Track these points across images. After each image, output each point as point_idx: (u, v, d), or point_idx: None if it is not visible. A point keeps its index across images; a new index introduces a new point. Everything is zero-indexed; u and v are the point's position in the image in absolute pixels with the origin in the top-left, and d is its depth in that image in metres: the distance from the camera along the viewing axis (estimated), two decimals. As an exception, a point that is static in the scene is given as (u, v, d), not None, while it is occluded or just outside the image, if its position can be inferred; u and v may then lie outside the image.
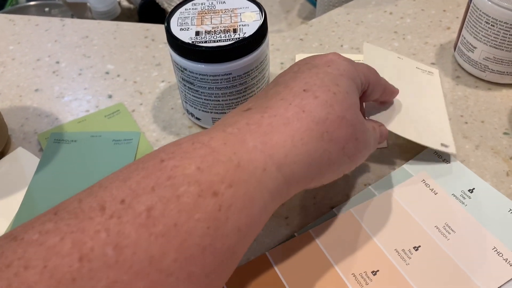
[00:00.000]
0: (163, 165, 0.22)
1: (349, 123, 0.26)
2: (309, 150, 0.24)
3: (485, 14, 0.37)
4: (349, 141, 0.26)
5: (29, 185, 0.35)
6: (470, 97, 0.39)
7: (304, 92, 0.25)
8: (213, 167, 0.22)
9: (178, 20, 0.34)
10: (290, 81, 0.26)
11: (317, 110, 0.25)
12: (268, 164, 0.23)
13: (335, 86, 0.26)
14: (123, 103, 0.41)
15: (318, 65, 0.27)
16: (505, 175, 0.33)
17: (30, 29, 0.51)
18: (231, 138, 0.24)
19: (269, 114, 0.25)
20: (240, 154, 0.23)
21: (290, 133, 0.24)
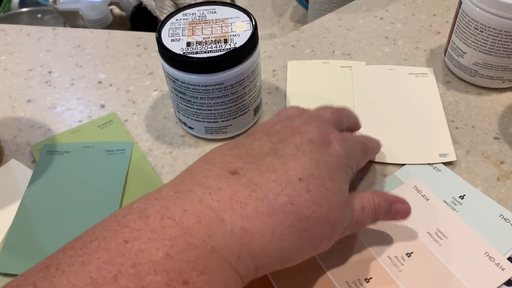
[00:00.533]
0: (126, 248, 0.20)
1: (330, 223, 0.24)
2: (284, 247, 0.23)
3: (474, 20, 0.37)
4: (324, 239, 0.25)
5: (22, 198, 0.35)
6: (461, 102, 0.40)
7: (299, 182, 0.24)
8: (183, 253, 0.20)
9: (169, 31, 0.34)
10: (289, 158, 0.25)
11: (305, 206, 0.23)
12: (242, 253, 0.22)
13: (329, 181, 0.25)
14: (116, 113, 0.41)
15: (320, 149, 0.26)
16: (496, 180, 0.34)
17: (22, 39, 0.51)
18: (208, 214, 0.22)
19: (257, 195, 0.23)
20: (216, 237, 0.21)
21: (273, 225, 0.22)
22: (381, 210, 0.28)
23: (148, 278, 0.19)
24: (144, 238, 0.20)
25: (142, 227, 0.21)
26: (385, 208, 0.28)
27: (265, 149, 0.26)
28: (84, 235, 0.21)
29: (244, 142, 0.27)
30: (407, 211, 0.29)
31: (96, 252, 0.20)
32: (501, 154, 0.35)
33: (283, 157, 0.25)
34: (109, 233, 0.21)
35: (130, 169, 0.36)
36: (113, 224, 0.21)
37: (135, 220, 0.21)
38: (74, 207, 0.34)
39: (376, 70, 0.43)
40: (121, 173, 0.36)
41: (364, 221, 0.27)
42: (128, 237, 0.20)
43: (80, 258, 0.20)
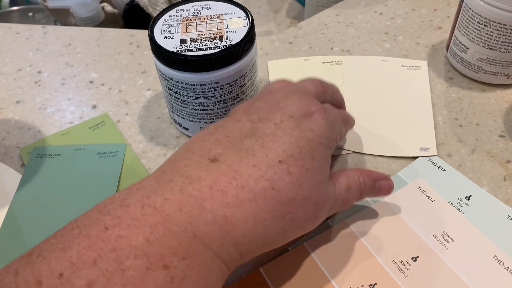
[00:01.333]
0: (107, 234, 0.20)
1: (313, 203, 0.24)
2: (268, 231, 0.23)
3: (477, 14, 0.36)
4: (309, 219, 0.25)
5: (11, 203, 0.33)
6: (464, 99, 0.39)
7: (279, 164, 0.23)
8: (164, 238, 0.20)
9: (162, 28, 0.33)
10: (268, 139, 0.24)
11: (286, 190, 0.23)
12: (225, 240, 0.22)
13: (310, 161, 0.24)
14: (108, 113, 0.40)
15: (301, 124, 0.25)
16: (502, 180, 0.33)
17: (10, 38, 0.49)
18: (189, 202, 0.22)
19: (237, 182, 0.22)
20: (197, 224, 0.21)
21: (254, 211, 0.22)
22: (366, 188, 0.28)
23: (128, 262, 0.19)
24: (124, 225, 0.20)
25: (122, 214, 0.21)
26: (369, 186, 0.28)
27: (244, 130, 0.25)
28: (67, 225, 0.21)
29: (224, 125, 0.26)
30: (390, 187, 0.29)
31: (77, 239, 0.20)
32: (507, 152, 0.34)
33: (263, 138, 0.24)
34: (90, 221, 0.21)
35: (123, 172, 0.35)
36: (95, 213, 0.21)
37: (116, 208, 0.21)
38: (64, 212, 0.32)
39: (369, 61, 0.43)
40: (113, 177, 0.34)
41: (350, 200, 0.28)
42: (109, 224, 0.20)
43: (61, 245, 0.20)
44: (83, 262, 0.19)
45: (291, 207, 0.23)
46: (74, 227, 0.21)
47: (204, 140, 0.25)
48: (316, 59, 0.43)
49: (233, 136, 0.25)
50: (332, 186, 0.26)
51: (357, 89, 0.40)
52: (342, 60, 0.43)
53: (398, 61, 0.42)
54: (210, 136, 0.25)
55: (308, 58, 0.43)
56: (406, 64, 0.42)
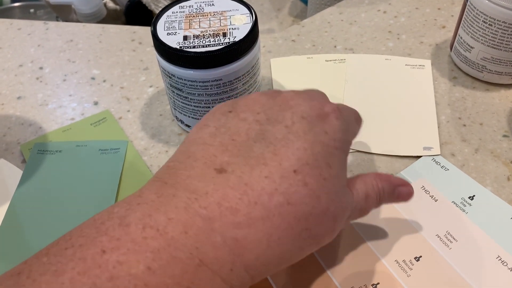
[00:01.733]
0: (104, 259, 0.18)
1: (331, 217, 0.22)
2: (283, 251, 0.21)
3: (482, 13, 0.36)
4: (327, 234, 0.22)
5: (11, 199, 0.33)
6: (468, 99, 0.38)
7: (294, 175, 0.21)
8: (167, 266, 0.18)
9: (165, 24, 0.33)
10: (280, 145, 0.22)
11: (303, 204, 0.21)
12: (235, 265, 0.20)
13: (327, 169, 0.22)
14: (110, 110, 0.40)
15: (315, 126, 0.23)
16: (506, 180, 0.32)
17: (12, 34, 0.49)
18: (195, 223, 0.19)
19: (249, 198, 0.20)
20: (204, 249, 0.19)
21: (268, 230, 0.20)
22: (384, 196, 0.26)
23: None
24: (123, 249, 0.18)
25: (122, 236, 0.19)
26: (388, 192, 0.26)
27: (252, 134, 0.22)
28: (60, 241, 0.20)
29: (227, 125, 0.23)
30: (410, 194, 0.27)
31: (71, 262, 0.18)
32: (511, 152, 0.34)
33: (274, 144, 0.22)
34: (86, 241, 0.19)
35: (125, 169, 0.35)
36: (91, 231, 0.19)
37: (115, 227, 0.19)
38: (65, 209, 0.32)
39: (372, 60, 0.42)
40: (115, 174, 0.34)
41: (368, 208, 0.26)
42: (106, 247, 0.18)
43: (53, 267, 0.18)
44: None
45: (308, 223, 0.21)
46: (69, 246, 0.19)
47: (207, 144, 0.22)
48: (319, 57, 0.43)
49: (239, 140, 0.22)
50: (350, 195, 0.24)
51: (360, 88, 0.40)
52: (345, 59, 0.43)
53: (401, 60, 0.42)
54: (213, 139, 0.23)
55: (311, 56, 0.43)
56: (410, 63, 0.42)
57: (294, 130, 0.22)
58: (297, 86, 0.41)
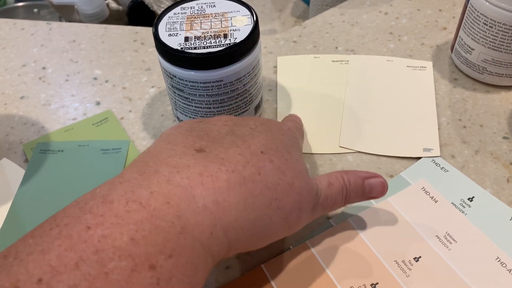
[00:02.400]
0: (89, 235, 0.19)
1: (296, 191, 0.25)
2: (256, 217, 0.23)
3: (483, 15, 0.36)
4: (293, 211, 0.25)
5: (14, 198, 0.33)
6: (468, 100, 0.39)
7: (261, 154, 0.24)
8: (150, 236, 0.19)
9: (167, 25, 0.33)
10: (248, 137, 0.25)
11: (271, 175, 0.24)
12: (216, 228, 0.21)
13: (287, 154, 0.25)
14: (112, 110, 0.40)
15: (273, 130, 0.27)
16: (506, 182, 0.32)
17: (15, 34, 0.49)
18: (178, 193, 0.21)
19: (227, 167, 0.23)
20: (186, 217, 0.20)
21: (245, 194, 0.22)
22: (351, 188, 0.27)
23: (112, 264, 0.18)
24: (107, 224, 0.19)
25: (105, 212, 0.20)
26: (356, 185, 0.28)
27: (223, 131, 0.26)
28: (45, 223, 0.20)
29: (200, 127, 0.26)
30: (384, 186, 0.28)
31: (57, 240, 0.19)
32: (511, 154, 0.34)
33: (242, 136, 0.25)
34: (71, 220, 0.20)
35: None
36: (75, 211, 0.20)
37: (98, 205, 0.20)
38: (67, 208, 0.32)
39: (374, 61, 0.43)
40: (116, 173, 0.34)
41: (334, 197, 0.27)
42: (91, 223, 0.19)
43: (39, 247, 0.19)
44: (64, 265, 0.18)
45: (276, 193, 0.24)
46: (54, 226, 0.20)
47: (185, 134, 0.25)
48: (325, 57, 0.43)
49: (213, 134, 0.25)
50: (314, 182, 0.27)
51: (361, 89, 0.40)
52: (349, 60, 0.43)
53: (403, 61, 0.42)
54: (190, 133, 0.25)
55: (318, 56, 0.43)
56: (411, 65, 0.42)
57: (258, 130, 0.26)
58: (301, 84, 0.41)
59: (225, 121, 0.27)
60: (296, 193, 0.25)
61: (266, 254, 0.30)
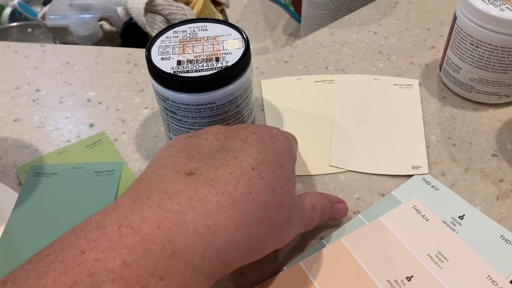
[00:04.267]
0: (83, 259, 0.19)
1: (287, 208, 0.25)
2: (250, 235, 0.23)
3: (469, 36, 0.37)
4: (285, 226, 0.25)
5: (7, 222, 0.33)
6: (457, 118, 0.39)
7: (252, 171, 0.25)
8: (142, 259, 0.20)
9: (159, 49, 0.33)
10: (238, 151, 0.26)
11: (261, 194, 0.24)
12: (207, 251, 0.22)
13: (279, 168, 0.26)
14: (105, 132, 0.40)
15: (264, 139, 0.27)
16: (495, 199, 0.33)
17: (9, 56, 0.50)
18: (169, 218, 0.21)
19: (216, 190, 0.23)
20: (176, 240, 0.21)
21: (236, 216, 0.23)
22: (326, 210, 0.30)
23: (105, 287, 0.19)
24: (101, 248, 0.20)
25: (99, 237, 0.20)
26: (328, 208, 0.30)
27: (214, 147, 0.26)
28: (43, 250, 0.21)
29: (191, 144, 0.27)
30: (346, 210, 0.32)
31: (52, 265, 0.19)
32: (500, 171, 0.35)
33: (233, 151, 0.26)
34: (66, 245, 0.20)
35: (119, 191, 0.35)
36: (71, 237, 0.21)
37: (92, 231, 0.21)
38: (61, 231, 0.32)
39: (361, 80, 0.43)
40: (109, 196, 0.34)
41: (314, 218, 0.29)
42: (85, 248, 0.20)
43: (36, 272, 0.19)
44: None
45: (268, 211, 0.24)
46: (50, 252, 0.20)
47: (175, 156, 0.26)
48: (308, 78, 0.44)
49: (203, 152, 0.26)
50: (300, 201, 0.28)
51: (349, 108, 0.41)
52: (334, 79, 0.43)
53: (390, 80, 0.43)
54: (180, 153, 0.26)
55: (300, 77, 0.44)
56: (398, 83, 0.43)
57: (248, 141, 0.26)
58: (288, 106, 0.41)
59: (216, 134, 0.28)
60: (286, 210, 0.25)
61: (260, 275, 0.30)
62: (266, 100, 0.42)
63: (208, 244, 0.22)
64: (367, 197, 0.34)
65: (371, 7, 0.52)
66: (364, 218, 0.32)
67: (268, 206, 0.24)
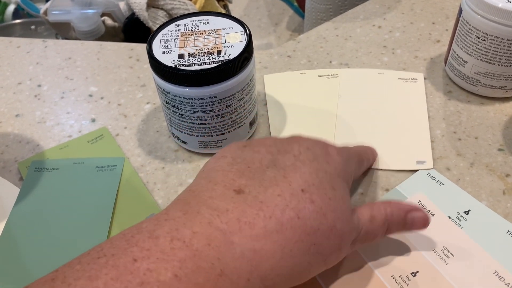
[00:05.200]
0: (135, 267, 0.20)
1: (338, 234, 0.24)
2: (294, 263, 0.23)
3: (475, 29, 0.36)
4: (333, 252, 0.24)
5: (8, 217, 0.33)
6: (463, 113, 0.39)
7: (302, 193, 0.24)
8: (192, 275, 0.20)
9: (161, 43, 0.33)
10: (289, 170, 0.24)
11: (311, 219, 0.23)
12: (253, 275, 0.22)
13: (331, 190, 0.24)
14: (107, 127, 0.40)
15: (318, 157, 0.26)
16: (502, 194, 0.32)
17: (11, 52, 0.50)
18: (218, 236, 0.21)
19: (264, 214, 0.22)
20: (225, 260, 0.21)
21: (282, 242, 0.22)
22: (393, 220, 0.27)
23: None
24: (153, 258, 0.20)
25: (152, 247, 0.20)
26: (398, 218, 0.27)
27: (265, 162, 0.25)
28: (92, 252, 0.21)
29: (243, 156, 0.26)
30: (425, 220, 0.27)
31: (104, 268, 0.20)
32: (506, 166, 0.34)
33: (284, 169, 0.25)
34: (118, 251, 0.20)
35: (121, 186, 0.35)
36: (122, 243, 0.21)
37: (145, 240, 0.21)
38: (62, 226, 0.32)
39: (365, 74, 0.43)
40: (111, 191, 0.34)
41: (375, 232, 0.27)
42: (137, 256, 0.20)
43: (87, 273, 0.19)
44: None
45: (316, 238, 0.23)
46: (101, 255, 0.20)
47: (226, 170, 0.25)
48: (312, 73, 0.43)
49: (254, 167, 0.25)
50: (355, 216, 0.26)
51: (353, 102, 0.40)
52: (338, 74, 0.43)
53: (394, 74, 0.43)
54: (231, 167, 0.25)
55: (304, 72, 0.43)
56: (403, 77, 0.42)
57: (301, 159, 0.25)
58: (291, 101, 0.41)
59: (269, 146, 0.27)
60: (337, 236, 0.24)
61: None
62: (269, 95, 0.42)
63: (254, 268, 0.22)
64: (371, 192, 0.33)
65: (375, 1, 0.52)
66: (368, 213, 0.32)
67: (317, 233, 0.23)
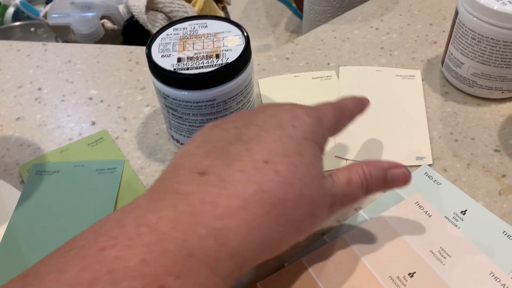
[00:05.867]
0: (103, 255, 0.20)
1: (307, 201, 0.23)
2: (263, 237, 0.22)
3: (471, 30, 0.36)
4: (306, 219, 0.24)
5: (10, 220, 0.33)
6: (460, 114, 0.39)
7: (266, 165, 0.23)
8: (159, 257, 0.20)
9: (160, 46, 0.33)
10: (253, 142, 0.24)
11: (275, 190, 0.22)
12: (221, 253, 0.21)
13: (298, 157, 0.24)
14: (107, 130, 0.40)
15: (283, 122, 0.25)
16: (498, 195, 0.33)
17: (11, 55, 0.50)
18: (183, 219, 0.21)
19: (227, 192, 0.22)
20: (192, 241, 0.21)
21: (247, 218, 0.22)
22: (373, 180, 0.26)
23: (124, 284, 0.19)
24: (121, 245, 0.20)
25: (119, 235, 0.21)
26: (377, 177, 0.26)
27: (230, 138, 0.25)
28: (64, 245, 0.21)
29: (210, 136, 0.26)
30: (406, 176, 0.27)
31: (74, 260, 0.20)
32: (502, 167, 0.35)
33: (248, 142, 0.24)
34: (87, 242, 0.21)
35: (121, 189, 0.35)
36: (91, 234, 0.21)
37: (112, 228, 0.21)
38: (63, 229, 0.33)
39: (363, 71, 0.43)
40: (111, 193, 0.35)
41: (353, 194, 0.26)
42: (105, 245, 0.20)
43: (58, 267, 0.20)
44: (80, 284, 0.19)
45: (283, 208, 0.23)
46: (71, 248, 0.21)
47: (192, 154, 0.25)
48: (306, 75, 0.44)
49: (219, 146, 0.25)
50: (330, 181, 0.25)
51: None
52: (331, 75, 0.43)
53: (392, 71, 0.43)
54: (197, 149, 0.25)
55: (298, 75, 0.44)
56: (400, 74, 0.43)
57: (265, 128, 0.25)
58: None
59: (236, 121, 0.26)
60: (306, 203, 0.23)
61: (261, 271, 0.30)
62: (265, 98, 0.42)
63: (221, 247, 0.21)
64: (368, 193, 0.34)
65: (373, 3, 0.52)
66: (366, 214, 0.32)
67: (284, 203, 0.23)
